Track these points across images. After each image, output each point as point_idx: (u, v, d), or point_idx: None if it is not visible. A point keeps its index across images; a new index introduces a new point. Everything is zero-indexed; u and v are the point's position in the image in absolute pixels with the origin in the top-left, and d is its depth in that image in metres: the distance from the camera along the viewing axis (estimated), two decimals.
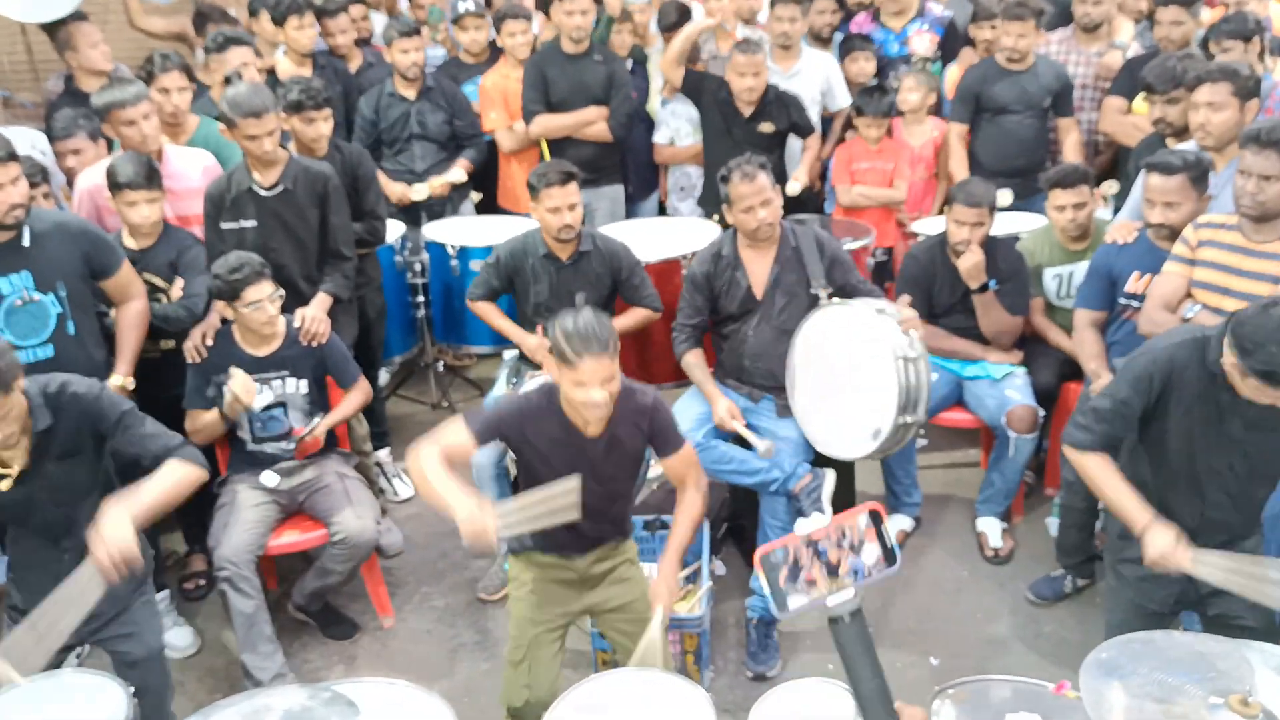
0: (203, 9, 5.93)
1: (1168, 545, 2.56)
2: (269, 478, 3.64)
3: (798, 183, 5.22)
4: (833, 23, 5.93)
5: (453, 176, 5.28)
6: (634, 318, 4.05)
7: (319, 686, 2.26)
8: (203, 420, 3.63)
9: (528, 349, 4.02)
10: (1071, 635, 3.67)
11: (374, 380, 4.61)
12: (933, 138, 5.49)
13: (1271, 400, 2.47)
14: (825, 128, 5.72)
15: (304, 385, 3.71)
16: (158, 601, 3.78)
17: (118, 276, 3.50)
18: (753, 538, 3.76)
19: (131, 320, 3.57)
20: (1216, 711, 1.88)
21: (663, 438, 2.86)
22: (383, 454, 4.69)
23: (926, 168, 5.50)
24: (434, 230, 5.03)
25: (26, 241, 3.29)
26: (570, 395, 2.64)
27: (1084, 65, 5.38)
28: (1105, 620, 3.10)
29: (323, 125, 4.14)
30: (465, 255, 4.82)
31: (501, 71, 5.47)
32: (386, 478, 4.67)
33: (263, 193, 3.84)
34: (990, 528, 4.16)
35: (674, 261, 4.37)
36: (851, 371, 3.50)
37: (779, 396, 3.73)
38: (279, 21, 5.16)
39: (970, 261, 3.99)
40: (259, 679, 3.42)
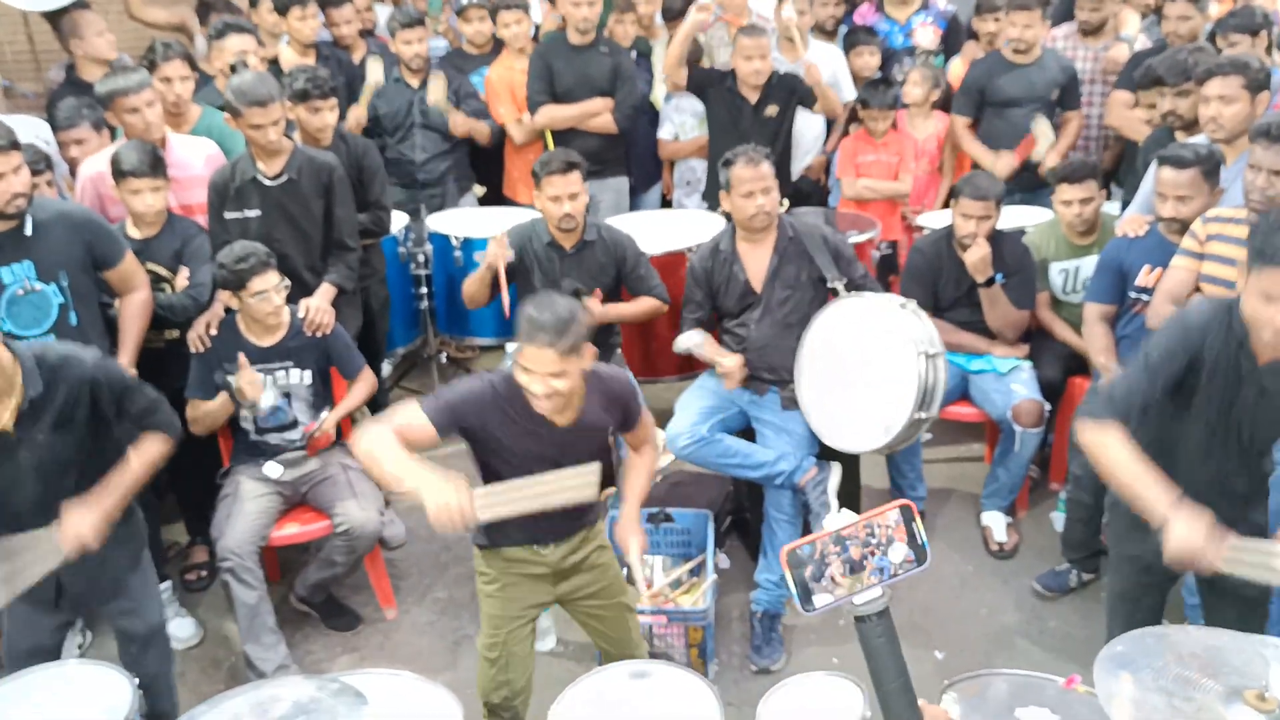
0: None
1: (1197, 538, 2.20)
2: (272, 468, 3.62)
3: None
4: (836, 15, 5.91)
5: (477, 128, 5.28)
6: (641, 306, 4.04)
7: (327, 678, 2.26)
8: (204, 408, 3.62)
9: (488, 256, 3.98)
10: (1076, 630, 3.66)
11: (377, 372, 4.59)
12: (936, 131, 5.48)
13: (1269, 315, 2.38)
14: (829, 121, 5.70)
15: (308, 376, 3.69)
16: (164, 592, 3.79)
17: (120, 267, 3.48)
18: (757, 531, 3.74)
19: (134, 311, 3.55)
20: (1232, 706, 1.86)
21: (631, 416, 2.81)
22: None
23: (930, 161, 5.49)
24: (437, 221, 5.01)
25: (29, 231, 3.27)
26: (523, 380, 2.54)
27: (1090, 61, 5.37)
28: (1107, 587, 3.08)
29: (328, 115, 4.13)
30: (469, 246, 4.80)
31: (505, 63, 5.45)
32: None
33: (267, 182, 3.82)
34: (995, 522, 4.15)
35: (679, 254, 4.36)
36: (867, 365, 3.48)
37: (784, 389, 3.71)
38: (281, 11, 5.14)
39: (976, 255, 3.98)
40: (262, 670, 3.41)
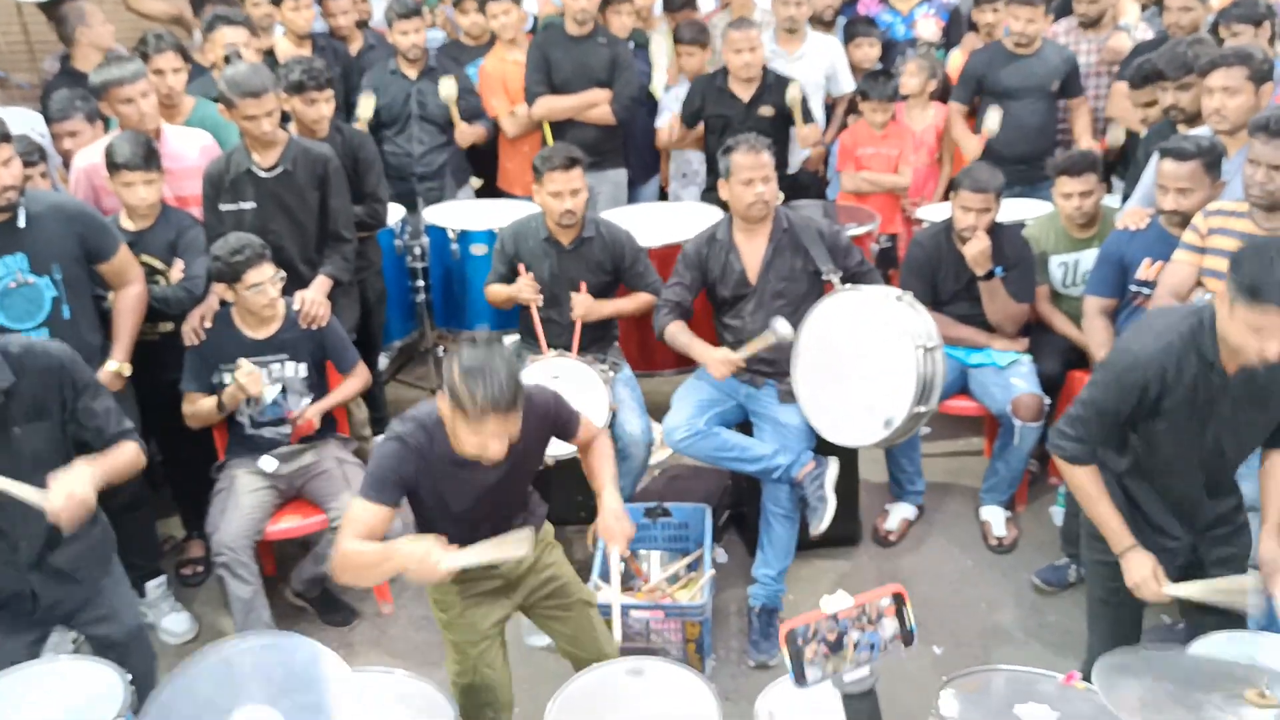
0: None
1: (1145, 574, 2.66)
2: (267, 462, 3.60)
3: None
4: (835, 5, 5.89)
5: (474, 133, 5.25)
6: (636, 301, 4.02)
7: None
8: (201, 406, 3.60)
9: (519, 293, 3.96)
10: (1075, 625, 3.64)
11: (374, 365, 4.58)
12: (935, 123, 5.46)
13: (1259, 346, 2.39)
14: (829, 113, 5.68)
15: (303, 369, 3.67)
16: (159, 587, 3.79)
17: (115, 260, 3.45)
18: (755, 526, 3.73)
19: (129, 305, 3.53)
20: (1233, 702, 1.85)
21: (566, 427, 2.72)
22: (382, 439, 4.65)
23: (929, 153, 5.47)
24: (434, 214, 4.99)
25: (22, 223, 3.24)
26: (461, 441, 2.43)
27: (1092, 53, 5.34)
28: (1087, 594, 3.08)
29: (324, 106, 4.10)
30: (465, 239, 4.78)
31: (498, 55, 5.42)
32: None
33: (262, 174, 3.80)
34: (994, 516, 4.14)
35: (677, 247, 4.33)
36: (864, 359, 3.47)
37: (781, 382, 3.69)
38: (275, 1, 5.11)
39: (976, 248, 3.95)
40: None
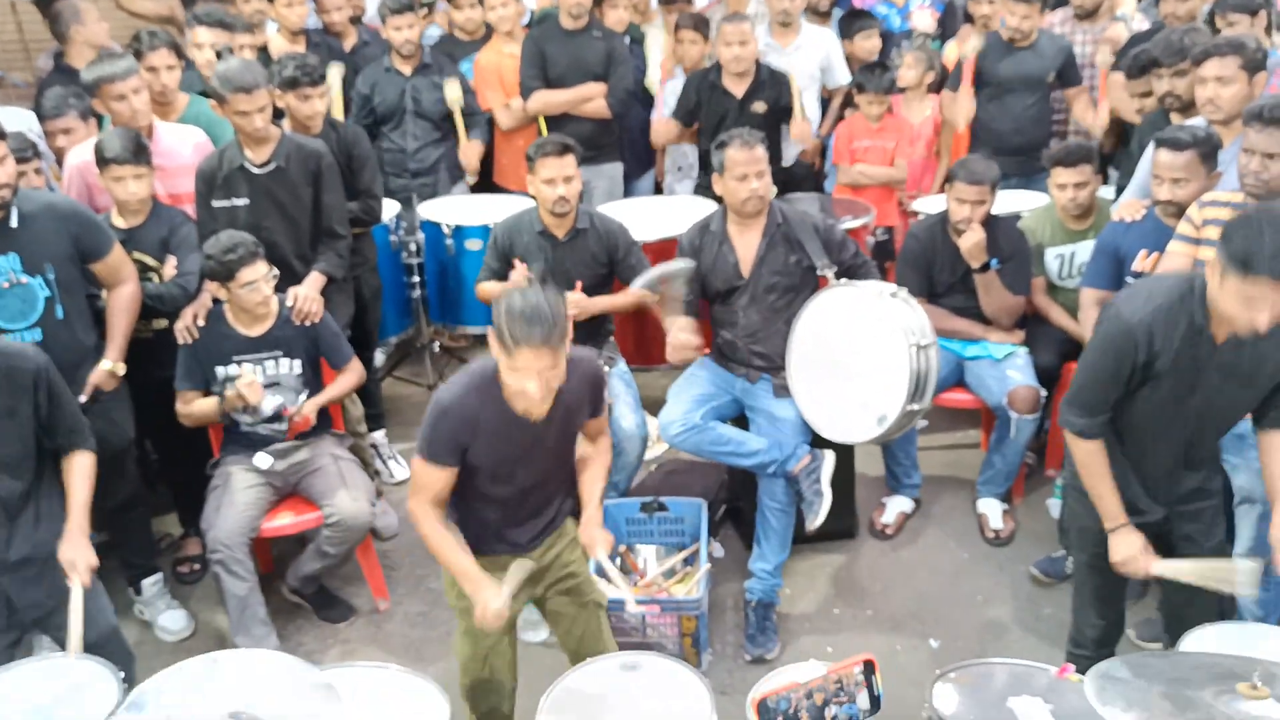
0: None
1: (1133, 552, 2.71)
2: (262, 459, 3.59)
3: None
4: None
5: (475, 149, 5.24)
6: (631, 296, 4.01)
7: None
8: (196, 407, 3.59)
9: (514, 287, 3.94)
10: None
11: (369, 361, 4.57)
12: (932, 115, 5.44)
13: (1249, 317, 2.39)
14: (824, 105, 5.66)
15: (297, 365, 3.66)
16: (155, 585, 3.79)
17: (108, 259, 3.44)
18: (751, 519, 3.72)
19: (122, 304, 3.51)
20: (1224, 695, 1.85)
21: (598, 401, 2.81)
22: (378, 436, 4.66)
23: (926, 146, 5.45)
24: (429, 209, 4.98)
25: (14, 223, 3.23)
26: (505, 380, 2.53)
27: (1088, 44, 5.32)
28: (1074, 561, 3.11)
29: (318, 102, 4.08)
30: (461, 235, 4.78)
31: (494, 48, 5.40)
32: (382, 460, 4.64)
33: (255, 170, 3.79)
34: (991, 509, 4.13)
35: (672, 240, 4.32)
36: (858, 355, 3.46)
37: (776, 376, 3.69)
38: None
39: (971, 240, 3.95)
40: None
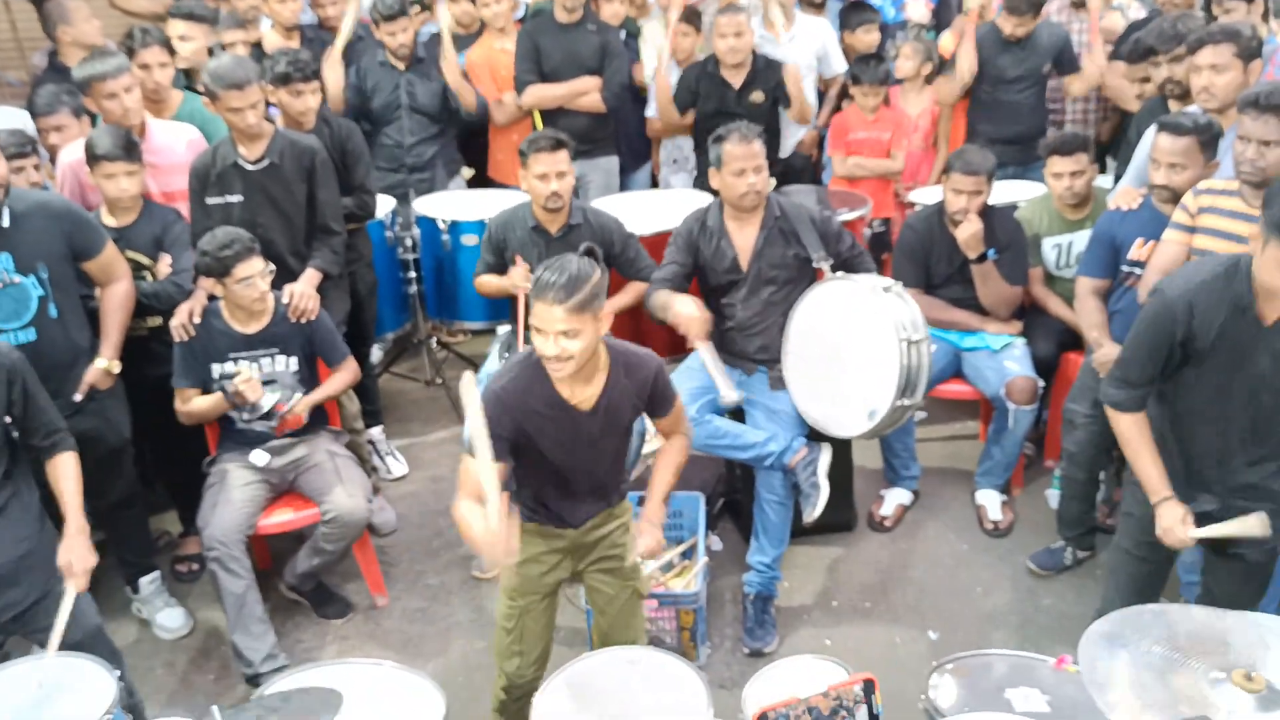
0: None
1: (1173, 521, 2.73)
2: (259, 456, 3.58)
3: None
4: None
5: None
6: (631, 294, 4.00)
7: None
8: (195, 405, 3.58)
9: (513, 283, 3.95)
10: (1071, 608, 3.64)
11: (366, 357, 4.57)
12: (929, 107, 5.43)
13: None
14: (821, 96, 5.65)
15: (294, 363, 3.65)
16: (152, 583, 3.78)
17: (101, 257, 3.43)
18: (749, 512, 3.72)
19: (116, 302, 3.50)
20: (1219, 686, 1.84)
21: (660, 402, 2.77)
22: (376, 432, 4.65)
23: (924, 137, 5.44)
24: (425, 205, 4.97)
25: (6, 222, 3.21)
26: (533, 340, 2.54)
27: (1083, 33, 5.30)
28: (1114, 543, 3.11)
29: (310, 98, 4.08)
30: (456, 230, 4.76)
31: (486, 44, 5.39)
32: (379, 456, 4.64)
33: (248, 167, 3.78)
34: (989, 500, 4.13)
35: (668, 234, 4.29)
36: (850, 349, 3.45)
37: (773, 369, 3.68)
38: None
39: (969, 231, 3.93)
40: (250, 659, 3.38)
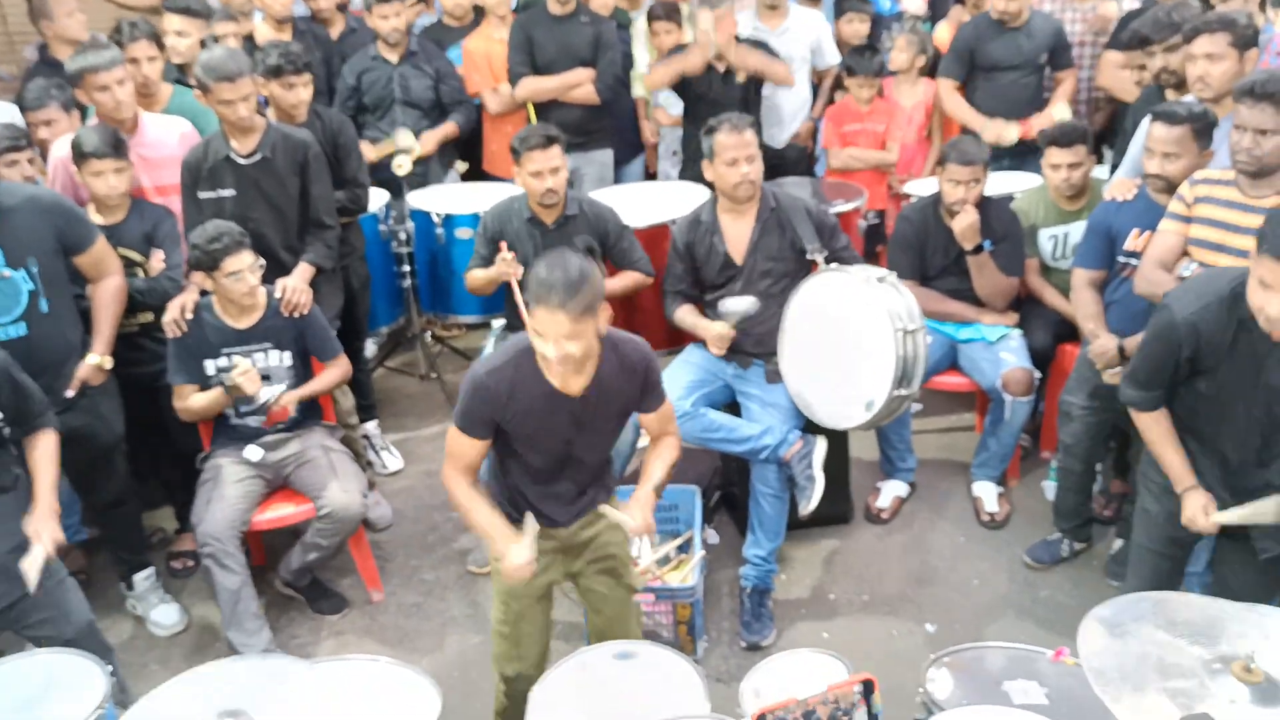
0: None
1: (1196, 509, 2.79)
2: (253, 452, 3.57)
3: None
4: None
5: (443, 131, 5.16)
6: (625, 281, 3.99)
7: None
8: (193, 402, 3.55)
9: (499, 271, 3.91)
10: (1068, 600, 3.63)
11: (360, 351, 4.55)
12: (924, 98, 5.41)
13: (1260, 300, 2.41)
14: (815, 88, 5.63)
15: (287, 357, 3.63)
16: (146, 580, 3.77)
17: (91, 252, 3.40)
18: (745, 506, 3.71)
19: (108, 297, 3.48)
20: (1217, 676, 1.83)
21: (650, 392, 2.76)
22: (370, 426, 4.64)
23: (918, 129, 5.43)
24: (419, 198, 4.95)
25: None
26: (532, 340, 2.52)
27: (1080, 22, 5.29)
28: (1133, 541, 3.12)
29: (302, 91, 4.05)
30: (450, 223, 4.74)
31: (484, 34, 5.37)
32: (375, 451, 4.62)
33: (241, 161, 3.76)
34: (986, 492, 4.12)
35: (663, 226, 4.30)
36: (846, 340, 3.44)
37: (768, 362, 3.67)
38: None
39: (965, 222, 3.92)
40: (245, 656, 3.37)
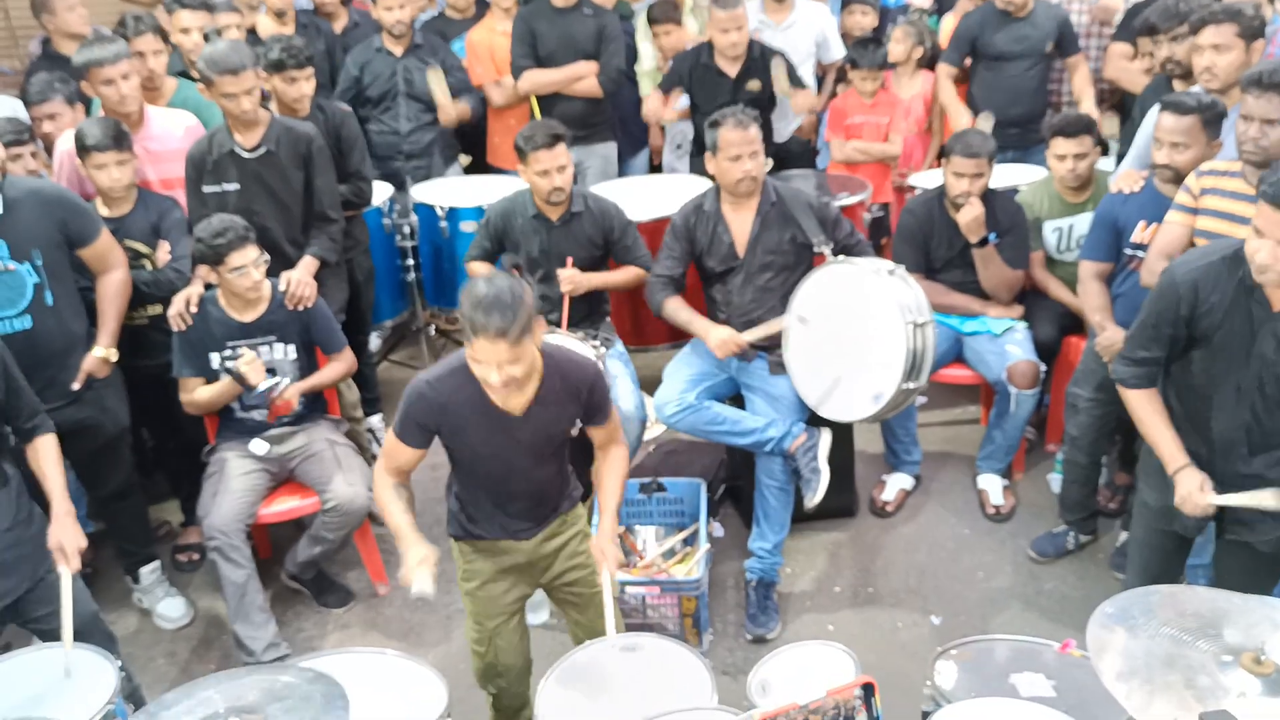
0: None
1: (1191, 488, 2.69)
2: (258, 445, 3.57)
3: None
4: None
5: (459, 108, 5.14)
6: (627, 275, 3.98)
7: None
8: (200, 395, 3.55)
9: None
10: (1073, 592, 3.63)
11: (364, 344, 4.55)
12: (922, 91, 5.39)
13: (1255, 247, 2.42)
14: (819, 81, 5.61)
15: (292, 350, 3.63)
16: (153, 573, 3.77)
17: (96, 245, 3.40)
18: (751, 498, 3.70)
19: (112, 291, 3.48)
20: (1227, 669, 1.83)
21: (596, 410, 2.70)
22: (375, 420, 4.64)
23: (917, 122, 5.40)
24: (422, 192, 4.94)
25: (0, 209, 3.20)
26: (471, 367, 2.48)
27: (1083, 13, 5.28)
28: (1130, 536, 3.11)
29: (305, 85, 4.04)
30: (454, 216, 4.74)
31: (488, 25, 5.37)
32: (379, 444, 4.63)
33: (245, 155, 3.75)
34: (991, 485, 4.12)
35: (666, 220, 4.28)
36: (854, 333, 3.43)
37: (772, 354, 3.66)
38: None
39: (970, 215, 3.91)
40: (251, 649, 3.38)
